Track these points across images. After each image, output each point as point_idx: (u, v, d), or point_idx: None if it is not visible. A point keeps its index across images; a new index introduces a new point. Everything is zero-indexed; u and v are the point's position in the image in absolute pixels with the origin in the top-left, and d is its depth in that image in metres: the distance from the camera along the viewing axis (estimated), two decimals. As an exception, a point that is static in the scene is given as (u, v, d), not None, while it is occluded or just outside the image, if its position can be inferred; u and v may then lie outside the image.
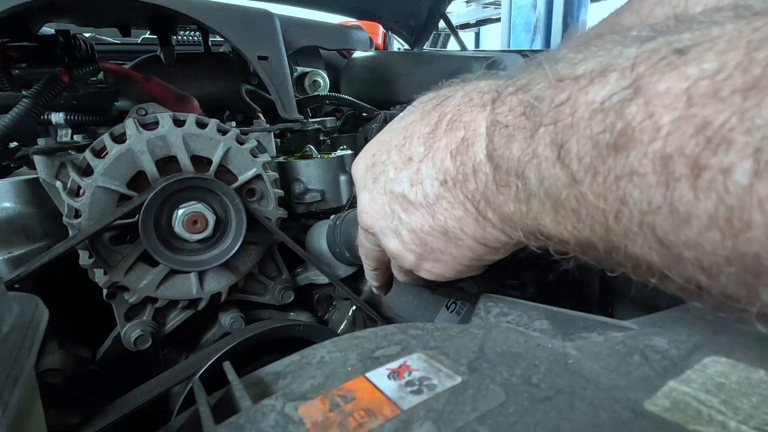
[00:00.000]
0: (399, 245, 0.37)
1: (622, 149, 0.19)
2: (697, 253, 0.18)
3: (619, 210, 0.20)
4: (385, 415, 0.23)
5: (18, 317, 0.26)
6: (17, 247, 0.57)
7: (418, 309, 0.77)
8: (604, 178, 0.20)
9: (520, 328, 0.35)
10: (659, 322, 0.32)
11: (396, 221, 0.36)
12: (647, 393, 0.24)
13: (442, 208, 0.32)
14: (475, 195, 0.30)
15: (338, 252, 0.66)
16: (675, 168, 0.17)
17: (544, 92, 0.23)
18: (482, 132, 0.28)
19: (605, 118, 0.20)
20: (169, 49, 0.80)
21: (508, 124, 0.26)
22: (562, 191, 0.23)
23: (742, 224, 0.16)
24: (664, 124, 0.17)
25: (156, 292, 0.58)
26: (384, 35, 1.55)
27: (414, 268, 0.38)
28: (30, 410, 0.25)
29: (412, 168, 0.34)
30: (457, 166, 0.30)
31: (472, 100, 0.31)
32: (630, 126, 0.19)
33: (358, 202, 0.41)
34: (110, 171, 0.53)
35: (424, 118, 0.34)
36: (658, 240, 0.19)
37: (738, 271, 0.17)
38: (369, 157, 0.39)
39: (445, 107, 0.33)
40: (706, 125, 0.16)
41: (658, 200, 0.18)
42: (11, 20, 0.57)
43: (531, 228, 0.27)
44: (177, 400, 0.47)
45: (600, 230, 0.22)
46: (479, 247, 0.33)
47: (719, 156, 0.16)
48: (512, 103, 0.26)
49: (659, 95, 0.18)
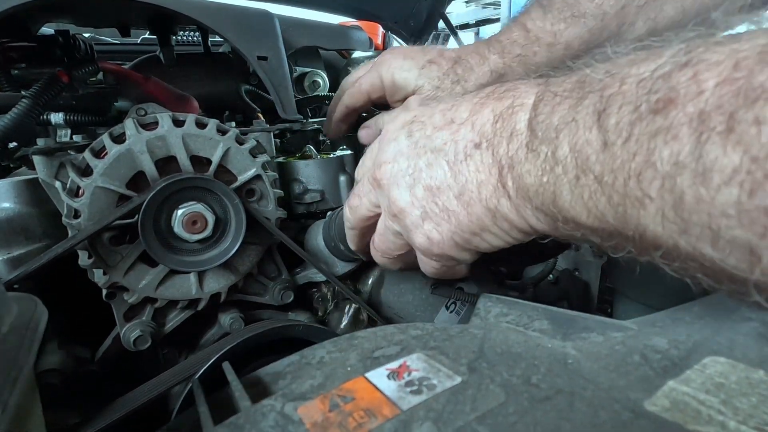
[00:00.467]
0: (409, 199, 0.38)
1: (662, 111, 0.20)
2: (709, 215, 0.19)
3: (642, 171, 0.21)
4: (385, 415, 0.23)
5: (17, 317, 0.26)
6: (16, 247, 0.57)
7: (417, 309, 0.77)
8: (636, 140, 0.21)
9: (520, 328, 0.35)
10: (659, 322, 0.32)
11: (415, 175, 0.37)
12: (647, 393, 0.24)
13: (467, 169, 0.34)
14: (503, 159, 0.31)
15: (333, 246, 0.66)
16: (710, 123, 0.18)
17: (599, 65, 0.25)
18: (530, 103, 0.30)
19: (652, 85, 0.21)
20: (168, 50, 0.80)
21: (557, 94, 0.27)
22: (590, 155, 0.24)
23: (762, 175, 0.17)
24: (708, 87, 0.19)
25: (155, 293, 0.58)
26: (383, 35, 1.55)
27: (412, 228, 0.39)
28: (29, 410, 0.25)
29: (452, 128, 0.36)
30: (496, 130, 0.32)
31: (529, 79, 0.34)
32: (674, 90, 0.20)
33: (379, 153, 0.42)
34: (110, 171, 0.53)
35: (479, 93, 0.36)
36: (672, 204, 0.20)
37: (745, 232, 0.18)
38: (410, 116, 0.41)
39: (502, 85, 0.35)
40: (747, 84, 0.17)
41: (685, 155, 0.19)
42: (10, 20, 0.57)
43: (544, 202, 0.28)
44: (176, 401, 0.46)
45: (617, 197, 0.23)
46: (486, 218, 0.34)
47: (755, 109, 0.17)
48: (567, 79, 0.28)
49: (708, 63, 0.19)
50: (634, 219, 0.23)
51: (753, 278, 0.18)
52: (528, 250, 0.48)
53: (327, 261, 0.70)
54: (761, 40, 0.18)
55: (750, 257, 0.18)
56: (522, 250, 0.44)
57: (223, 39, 0.74)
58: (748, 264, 0.18)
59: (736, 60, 0.18)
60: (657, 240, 0.22)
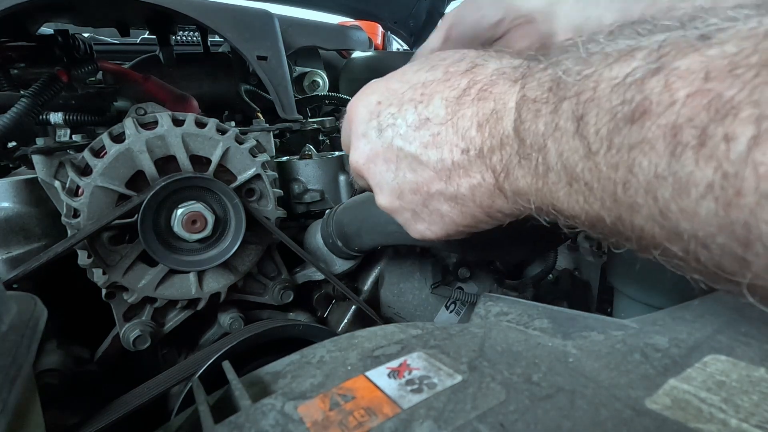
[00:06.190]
0: (397, 202, 0.37)
1: (638, 120, 0.20)
2: (693, 223, 0.19)
3: (627, 180, 0.21)
4: (386, 413, 0.23)
5: (16, 316, 0.26)
6: (16, 246, 0.57)
7: (417, 309, 0.77)
8: (617, 149, 0.21)
9: (520, 326, 0.35)
10: (659, 320, 0.32)
11: (400, 179, 0.36)
12: (648, 391, 0.24)
13: (456, 174, 0.32)
14: (497, 166, 0.30)
15: (331, 243, 0.67)
16: (683, 137, 0.18)
17: (572, 67, 0.24)
18: (512, 106, 0.29)
19: (626, 91, 0.21)
20: (168, 49, 0.80)
21: (536, 99, 0.26)
22: (578, 163, 0.24)
23: (734, 191, 0.17)
24: (680, 98, 0.19)
25: (155, 292, 0.58)
26: (383, 35, 1.56)
27: (404, 224, 0.38)
28: (28, 410, 0.25)
29: (430, 130, 0.33)
30: (484, 138, 0.31)
31: (504, 73, 0.31)
32: (648, 99, 0.20)
33: (353, 149, 0.39)
34: (109, 171, 0.53)
35: (450, 80, 0.33)
36: (659, 211, 0.20)
37: (729, 241, 0.18)
38: (373, 104, 0.37)
39: (476, 75, 0.32)
40: (718, 97, 0.17)
41: (663, 168, 0.19)
42: (10, 20, 0.57)
43: (544, 202, 0.28)
44: (176, 400, 0.46)
45: (609, 202, 0.23)
46: (483, 215, 0.33)
47: (725, 125, 0.17)
48: (542, 78, 0.27)
49: (679, 71, 0.19)
50: (629, 222, 0.23)
51: (745, 282, 0.19)
52: (523, 238, 0.48)
53: (326, 259, 0.70)
54: (730, 47, 0.18)
55: (740, 263, 0.18)
56: (518, 238, 0.44)
57: (222, 39, 0.74)
58: (739, 268, 0.19)
59: (707, 71, 0.18)
60: (654, 240, 0.22)
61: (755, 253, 0.18)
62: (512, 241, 0.49)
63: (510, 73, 0.31)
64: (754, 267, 0.18)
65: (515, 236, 0.47)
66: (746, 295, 0.19)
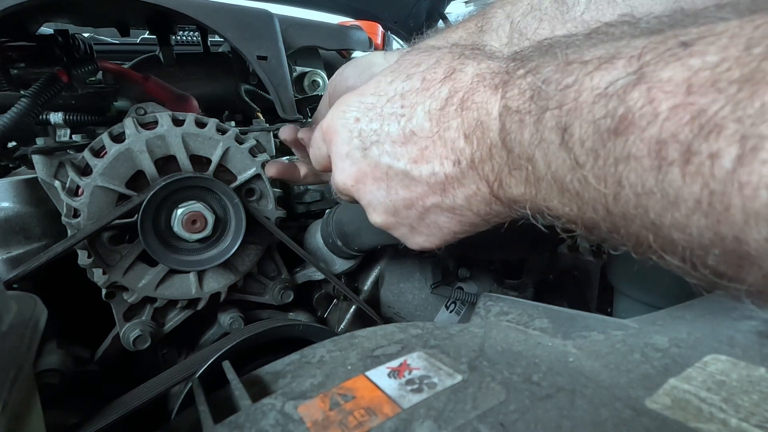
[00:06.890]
0: (392, 219, 0.36)
1: (622, 134, 0.20)
2: (686, 235, 0.19)
3: (617, 193, 0.21)
4: (386, 413, 0.23)
5: (17, 316, 0.26)
6: (16, 246, 0.57)
7: (417, 309, 0.77)
8: (604, 162, 0.21)
9: (521, 326, 0.35)
10: (659, 320, 0.32)
11: (392, 197, 0.35)
12: (648, 391, 0.24)
13: (453, 187, 0.32)
14: (490, 176, 0.30)
15: (331, 242, 0.67)
16: (668, 153, 0.18)
17: (552, 76, 0.24)
18: (495, 116, 0.28)
19: (608, 102, 0.20)
20: (168, 49, 0.80)
21: (518, 110, 0.26)
22: (566, 174, 0.23)
23: (722, 208, 0.17)
24: (662, 111, 0.18)
25: (155, 292, 0.58)
26: (383, 35, 1.55)
27: (402, 238, 0.38)
28: (28, 410, 0.25)
29: (417, 144, 0.32)
30: (473, 149, 0.30)
31: (484, 80, 0.30)
32: (631, 111, 0.19)
33: (337, 170, 0.37)
34: (109, 170, 0.53)
35: (429, 89, 0.32)
36: (651, 222, 0.20)
37: (722, 253, 0.18)
38: (351, 121, 0.35)
39: (456, 82, 0.31)
40: (701, 113, 0.17)
41: (651, 183, 0.19)
42: (10, 20, 0.57)
43: (540, 209, 0.28)
44: (176, 400, 0.46)
45: (602, 211, 0.23)
46: (480, 221, 0.33)
47: (710, 142, 0.17)
48: (522, 86, 0.26)
49: (661, 83, 0.19)
50: (625, 230, 0.23)
51: (744, 288, 0.19)
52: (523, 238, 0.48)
53: (326, 259, 0.70)
54: (712, 57, 0.17)
55: (736, 272, 0.18)
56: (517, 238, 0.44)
57: (222, 38, 0.74)
58: (736, 276, 0.19)
59: (689, 84, 0.18)
60: (651, 248, 0.22)
61: (750, 263, 0.18)
62: (512, 240, 0.49)
63: (490, 80, 0.30)
64: (751, 277, 0.18)
65: (515, 236, 0.47)
66: (746, 300, 0.19)
